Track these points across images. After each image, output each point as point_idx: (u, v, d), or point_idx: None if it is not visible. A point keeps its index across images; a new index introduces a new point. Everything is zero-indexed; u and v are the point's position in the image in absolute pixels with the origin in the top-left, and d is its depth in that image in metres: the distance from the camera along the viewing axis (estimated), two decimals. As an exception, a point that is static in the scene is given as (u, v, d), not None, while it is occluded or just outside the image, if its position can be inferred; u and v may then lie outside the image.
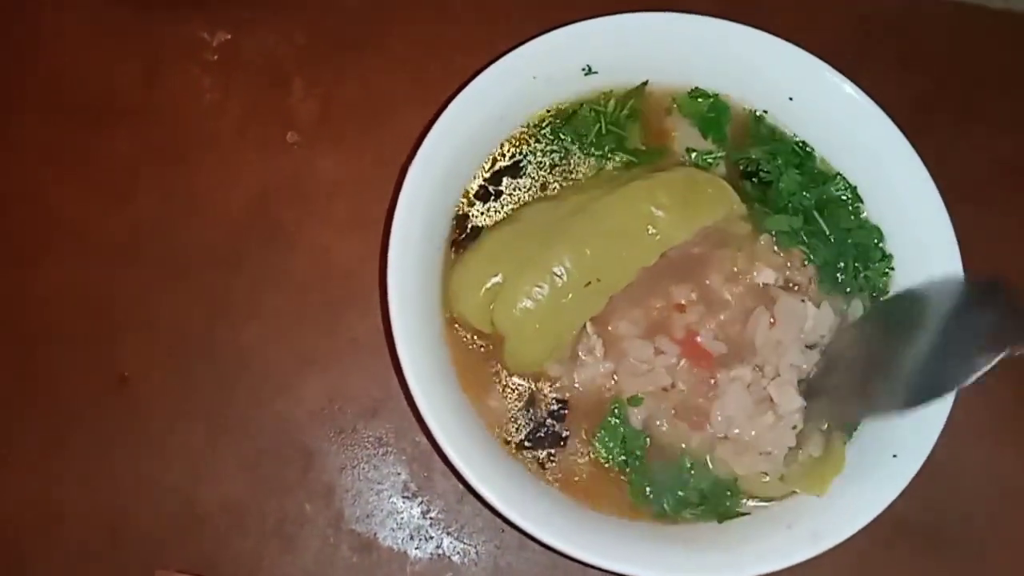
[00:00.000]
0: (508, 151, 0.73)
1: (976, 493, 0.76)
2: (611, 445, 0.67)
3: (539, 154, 0.73)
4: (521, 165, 0.72)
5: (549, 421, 0.68)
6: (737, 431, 0.66)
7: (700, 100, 0.73)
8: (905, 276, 0.70)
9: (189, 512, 0.72)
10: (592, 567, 0.62)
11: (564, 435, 0.68)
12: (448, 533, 0.72)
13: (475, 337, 0.69)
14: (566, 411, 0.68)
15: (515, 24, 0.80)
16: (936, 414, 0.63)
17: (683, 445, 0.67)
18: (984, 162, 0.82)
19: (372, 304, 0.76)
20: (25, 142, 0.79)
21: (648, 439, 0.67)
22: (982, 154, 0.82)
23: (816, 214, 0.71)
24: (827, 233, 0.71)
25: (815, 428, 0.67)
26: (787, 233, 0.70)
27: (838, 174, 0.72)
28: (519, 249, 0.67)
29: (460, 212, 0.71)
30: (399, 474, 0.73)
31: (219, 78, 0.81)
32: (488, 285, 0.67)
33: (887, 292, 0.71)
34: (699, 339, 0.67)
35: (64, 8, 0.82)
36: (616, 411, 0.67)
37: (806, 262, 0.70)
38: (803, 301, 0.67)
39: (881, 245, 0.71)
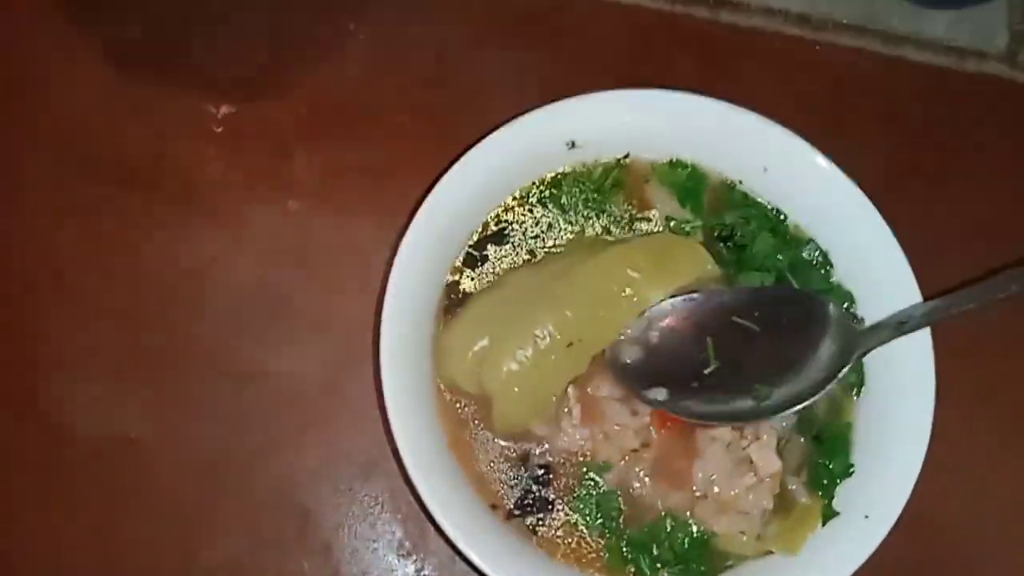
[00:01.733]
0: (495, 220, 0.76)
1: (955, 539, 0.78)
2: (586, 511, 0.69)
3: (525, 223, 0.76)
4: (506, 233, 0.76)
5: (535, 487, 0.70)
6: (717, 490, 0.68)
7: (679, 170, 0.77)
8: (876, 370, 0.72)
9: (191, 568, 0.74)
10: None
11: (551, 499, 0.70)
12: (441, 591, 0.75)
13: (464, 403, 0.72)
14: (551, 476, 0.70)
15: (507, 95, 0.85)
16: (906, 474, 0.66)
17: (660, 504, 0.69)
18: (957, 226, 0.85)
19: (369, 367, 0.78)
20: (37, 207, 0.83)
21: (621, 500, 0.70)
22: (955, 218, 0.85)
23: (789, 275, 0.74)
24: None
25: (796, 489, 0.69)
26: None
27: (811, 239, 0.75)
28: (504, 313, 0.71)
29: (450, 280, 0.74)
30: (394, 532, 0.76)
31: (223, 149, 0.85)
32: (475, 348, 0.70)
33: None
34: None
35: (77, 86, 0.86)
36: (590, 476, 0.70)
37: None
38: None
39: (852, 309, 0.73)
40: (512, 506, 0.70)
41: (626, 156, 0.77)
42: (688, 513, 0.69)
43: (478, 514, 0.68)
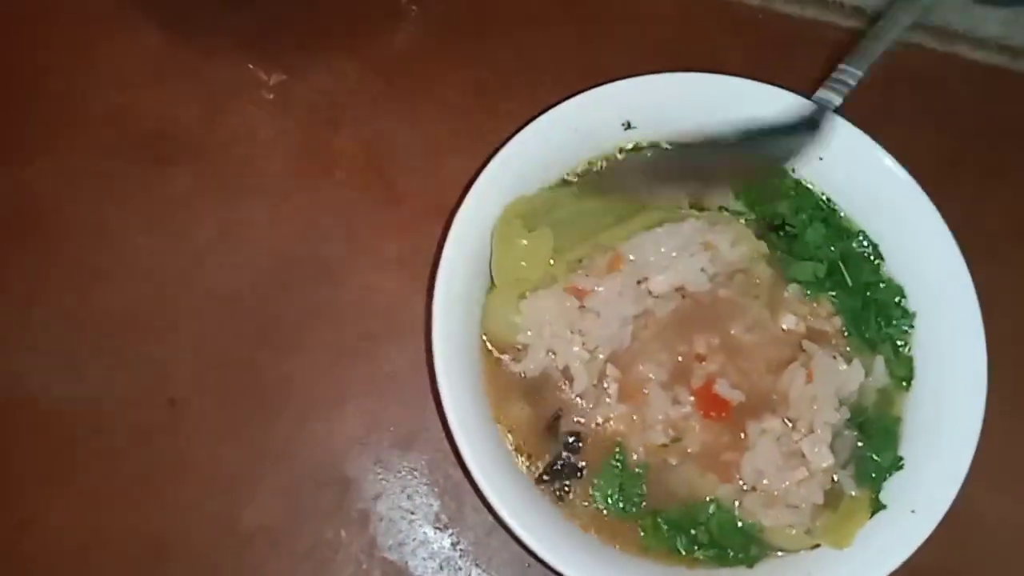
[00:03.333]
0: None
1: (995, 545, 0.77)
2: (609, 491, 0.69)
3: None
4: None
5: (565, 454, 0.70)
6: (766, 483, 0.67)
7: None
8: (927, 334, 0.72)
9: (230, 534, 0.75)
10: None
11: (581, 466, 0.70)
12: (476, 565, 0.75)
13: (508, 361, 0.72)
14: (581, 444, 0.70)
15: (555, 73, 0.85)
16: (955, 470, 0.66)
17: (709, 496, 0.69)
18: (1007, 222, 0.84)
19: (412, 339, 0.79)
20: (88, 174, 0.83)
21: (645, 486, 0.69)
22: (1005, 213, 0.85)
23: (841, 265, 0.73)
24: (851, 285, 0.73)
25: (844, 481, 0.69)
26: (814, 282, 0.73)
27: (861, 231, 0.75)
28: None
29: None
30: (431, 505, 0.76)
31: (274, 116, 0.85)
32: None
33: (909, 351, 0.72)
34: (716, 388, 0.69)
35: (128, 52, 0.86)
36: (618, 456, 0.69)
37: (834, 314, 0.72)
38: (835, 357, 0.69)
39: (903, 303, 0.73)
40: (542, 471, 0.70)
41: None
42: (736, 504, 0.68)
43: (519, 482, 0.67)
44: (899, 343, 0.73)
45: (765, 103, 0.73)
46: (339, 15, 0.88)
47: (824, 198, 0.76)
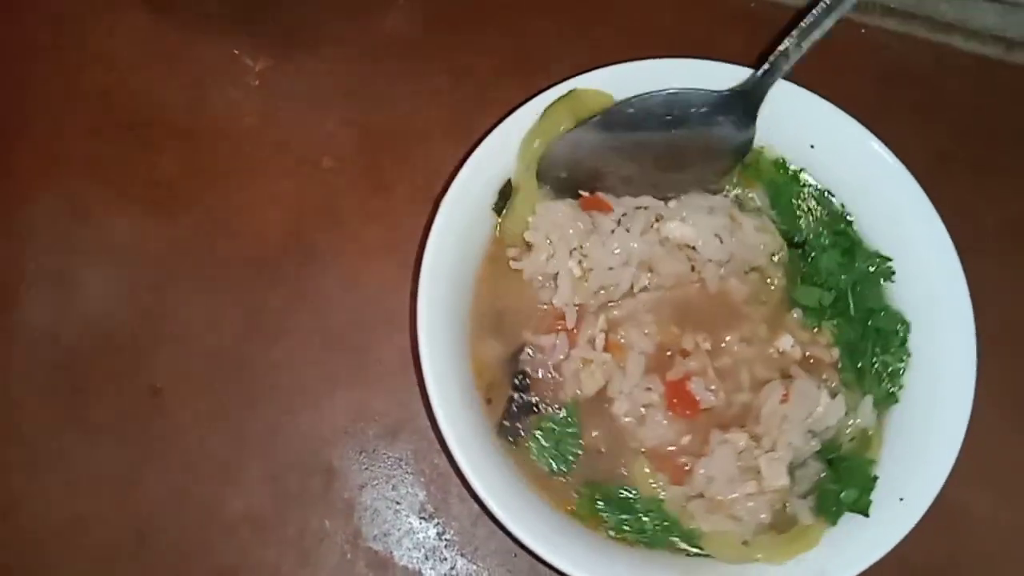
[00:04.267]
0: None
1: (982, 536, 0.77)
2: (545, 444, 0.69)
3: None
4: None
5: (516, 394, 0.70)
6: (714, 490, 0.67)
7: (781, 171, 0.76)
8: (919, 332, 0.71)
9: (214, 521, 0.74)
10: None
11: (534, 402, 0.70)
12: (462, 555, 0.74)
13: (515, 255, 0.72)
14: (528, 381, 0.70)
15: (545, 61, 0.84)
16: (943, 460, 0.65)
17: (655, 495, 0.68)
18: (1001, 215, 0.84)
19: (398, 327, 0.78)
20: (72, 158, 0.82)
21: (581, 453, 0.69)
22: (997, 208, 0.84)
23: (849, 292, 0.72)
24: (853, 314, 0.72)
25: (802, 511, 0.68)
26: (816, 309, 0.71)
27: (876, 252, 0.73)
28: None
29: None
30: (417, 495, 0.76)
31: (260, 103, 0.85)
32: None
33: (901, 384, 0.71)
34: (690, 385, 0.69)
35: (115, 33, 0.85)
36: (568, 412, 0.69)
37: (832, 345, 0.71)
38: (819, 387, 0.69)
39: (902, 334, 0.71)
40: (500, 418, 0.69)
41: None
42: (681, 507, 0.68)
43: (506, 472, 0.67)
44: (892, 373, 0.71)
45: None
46: (326, 1, 0.87)
47: (845, 216, 0.75)
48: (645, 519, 0.68)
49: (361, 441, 0.76)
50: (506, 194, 0.72)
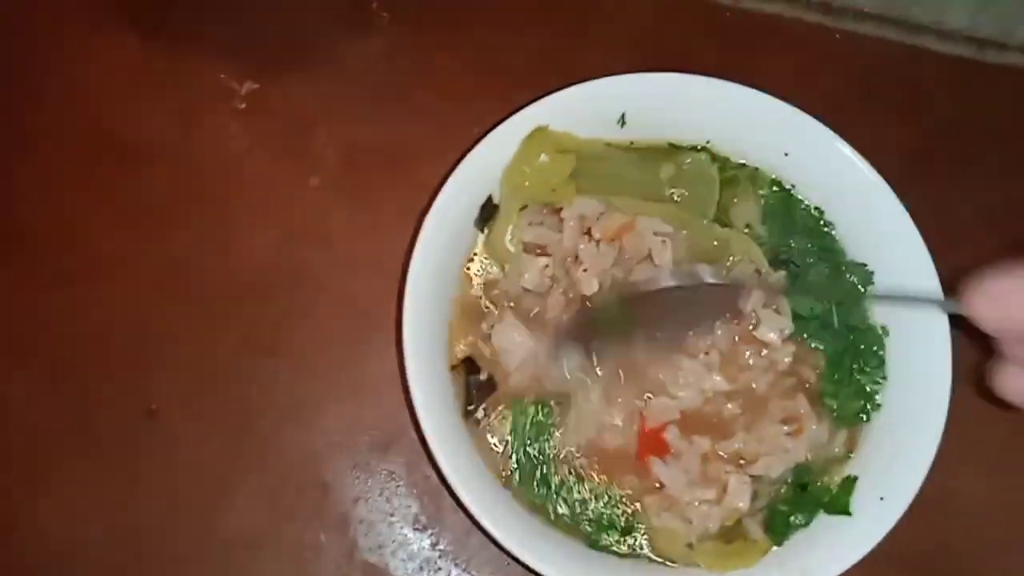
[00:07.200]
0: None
1: (971, 519, 0.78)
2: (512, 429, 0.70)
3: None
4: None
5: (473, 378, 0.72)
6: (671, 489, 0.68)
7: (773, 189, 0.77)
8: (894, 324, 0.73)
9: (211, 539, 0.75)
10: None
11: (487, 378, 0.72)
12: (456, 565, 0.76)
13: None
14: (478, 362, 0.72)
15: (527, 75, 0.85)
16: (922, 457, 0.66)
17: (629, 492, 0.69)
18: (973, 216, 0.85)
19: (388, 342, 0.79)
20: (63, 183, 0.84)
21: (548, 429, 0.70)
22: (971, 208, 0.85)
23: (834, 308, 0.73)
24: (836, 327, 0.73)
25: (751, 528, 0.69)
26: (804, 319, 0.72)
27: (853, 261, 0.74)
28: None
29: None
30: (410, 507, 0.77)
31: (247, 125, 0.86)
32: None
33: (877, 404, 0.72)
34: (665, 434, 0.69)
35: (102, 57, 0.87)
36: (539, 407, 0.71)
37: (819, 362, 0.72)
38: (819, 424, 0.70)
39: (880, 353, 0.72)
40: (464, 408, 0.71)
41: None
42: (638, 503, 0.69)
43: (490, 485, 0.68)
44: (869, 394, 0.72)
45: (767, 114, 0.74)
46: (310, 24, 0.89)
47: (827, 224, 0.76)
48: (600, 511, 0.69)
49: (354, 455, 0.78)
50: (487, 210, 0.74)
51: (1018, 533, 0.78)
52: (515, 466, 0.70)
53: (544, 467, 0.70)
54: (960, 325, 0.68)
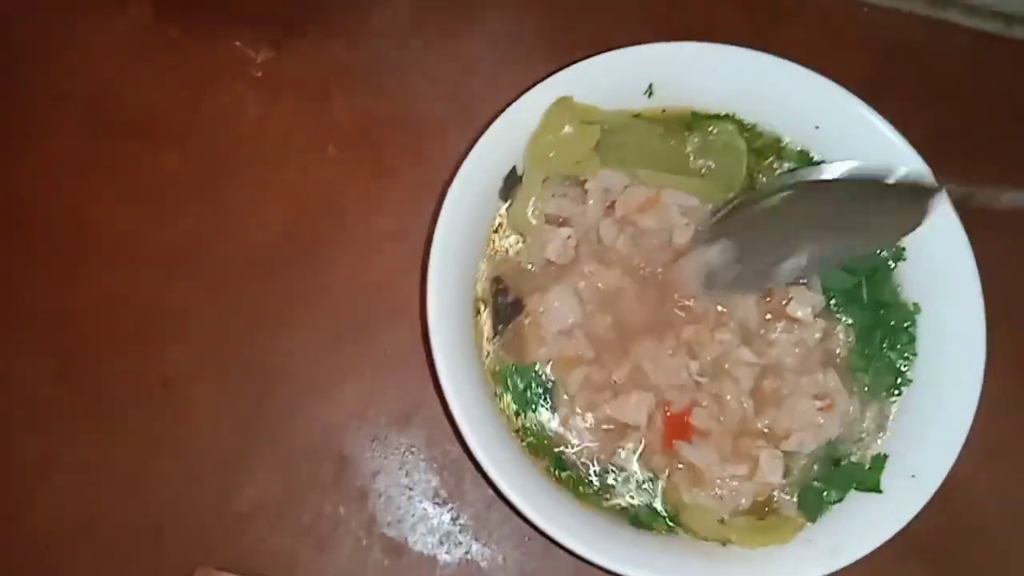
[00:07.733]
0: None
1: (992, 513, 0.77)
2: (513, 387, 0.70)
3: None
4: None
5: (499, 298, 0.72)
6: (702, 465, 0.67)
7: (805, 163, 0.75)
8: (928, 307, 0.72)
9: (229, 511, 0.74)
10: (613, 573, 0.64)
11: (516, 300, 0.72)
12: (476, 539, 0.75)
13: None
14: (507, 284, 0.72)
15: (547, 46, 0.84)
16: (954, 436, 0.66)
17: (651, 468, 0.69)
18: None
19: (407, 316, 0.78)
20: (74, 157, 0.82)
21: (550, 404, 0.70)
22: (998, 181, 0.84)
23: (864, 282, 0.72)
24: (865, 302, 0.72)
25: (785, 503, 0.69)
26: (841, 291, 0.72)
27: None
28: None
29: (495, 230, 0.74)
30: (430, 481, 0.76)
31: (263, 94, 0.84)
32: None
33: (909, 380, 0.71)
34: (691, 417, 0.69)
35: (114, 31, 0.85)
36: (538, 371, 0.70)
37: (850, 337, 0.72)
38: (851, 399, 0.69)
39: (911, 329, 0.71)
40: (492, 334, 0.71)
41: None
42: (663, 477, 0.69)
43: (516, 457, 0.67)
44: (900, 370, 0.71)
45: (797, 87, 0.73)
46: (327, -12, 0.87)
47: None
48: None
49: (373, 428, 0.77)
50: (511, 181, 0.73)
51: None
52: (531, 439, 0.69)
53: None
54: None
